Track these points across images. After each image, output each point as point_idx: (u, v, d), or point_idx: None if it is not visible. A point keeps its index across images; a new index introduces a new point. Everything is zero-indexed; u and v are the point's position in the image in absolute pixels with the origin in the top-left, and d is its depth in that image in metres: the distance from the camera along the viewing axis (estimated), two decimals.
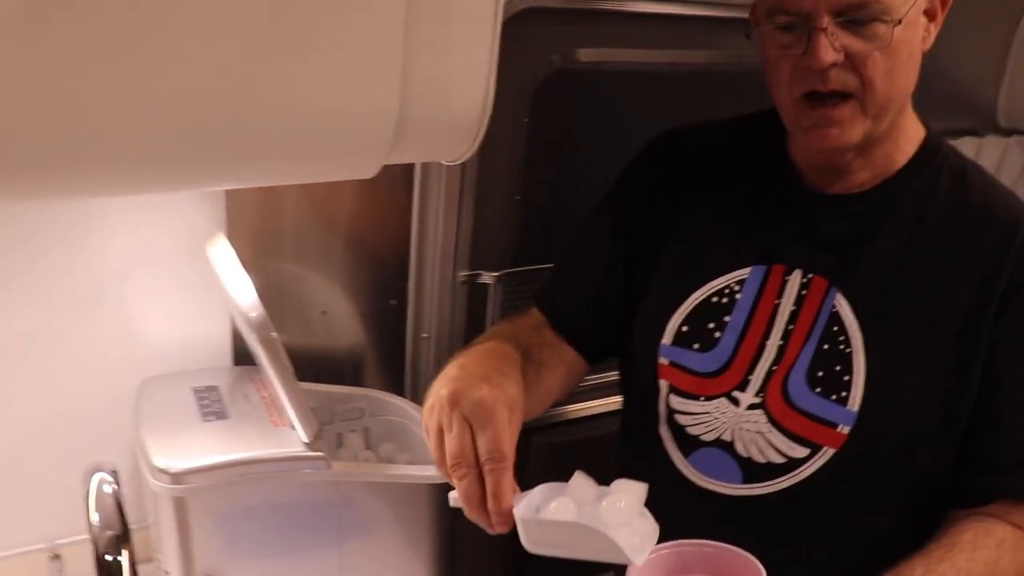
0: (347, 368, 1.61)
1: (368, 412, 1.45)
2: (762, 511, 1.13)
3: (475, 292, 1.65)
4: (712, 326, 1.17)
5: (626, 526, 0.87)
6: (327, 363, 1.57)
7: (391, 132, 0.95)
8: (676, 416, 1.18)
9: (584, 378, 1.34)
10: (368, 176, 1.02)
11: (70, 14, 0.75)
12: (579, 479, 0.91)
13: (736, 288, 1.17)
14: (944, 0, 1.10)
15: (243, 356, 1.44)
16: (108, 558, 0.99)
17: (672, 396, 1.18)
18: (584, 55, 1.58)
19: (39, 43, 0.74)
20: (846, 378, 1.10)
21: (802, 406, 1.12)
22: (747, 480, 1.14)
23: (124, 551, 0.99)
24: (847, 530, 1.15)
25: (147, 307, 1.41)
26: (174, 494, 1.13)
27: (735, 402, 1.15)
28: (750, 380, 1.14)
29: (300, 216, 1.53)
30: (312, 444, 1.19)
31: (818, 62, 1.03)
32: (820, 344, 1.12)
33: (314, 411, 1.21)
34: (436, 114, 0.99)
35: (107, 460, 1.15)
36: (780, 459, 1.12)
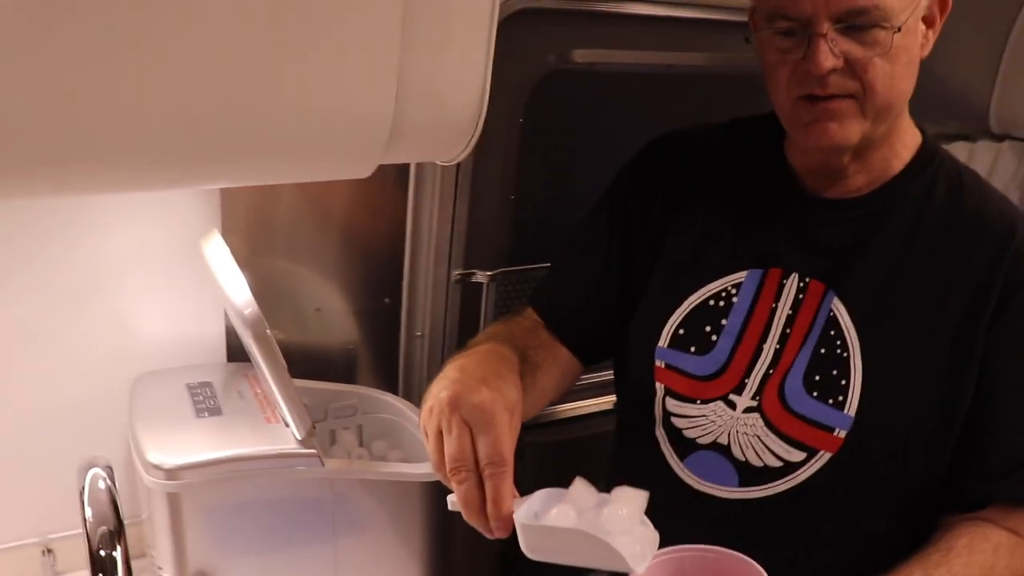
0: (340, 365, 1.61)
1: (361, 410, 1.46)
2: (758, 514, 1.13)
3: (469, 291, 1.65)
4: (708, 329, 1.17)
5: (627, 534, 0.86)
6: (321, 360, 1.58)
7: (387, 132, 0.95)
8: (672, 419, 1.18)
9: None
10: (363, 176, 1.02)
11: (68, 14, 0.75)
12: (579, 485, 0.90)
13: (733, 291, 1.17)
14: (943, 7, 1.10)
15: (237, 352, 1.44)
16: (102, 553, 0.99)
17: (668, 399, 1.18)
18: (580, 56, 1.58)
19: (36, 42, 0.74)
20: (843, 382, 1.10)
21: (799, 410, 1.12)
22: (743, 483, 1.14)
23: (118, 546, 1.00)
24: (843, 533, 1.15)
25: (141, 303, 1.41)
26: (168, 490, 1.14)
27: (731, 405, 1.15)
28: (746, 383, 1.14)
29: (295, 213, 1.53)
30: (305, 441, 1.19)
31: (818, 68, 1.03)
32: (817, 348, 1.12)
33: (307, 408, 1.22)
34: (432, 115, 0.99)
35: (101, 455, 1.15)
36: (776, 463, 1.12)
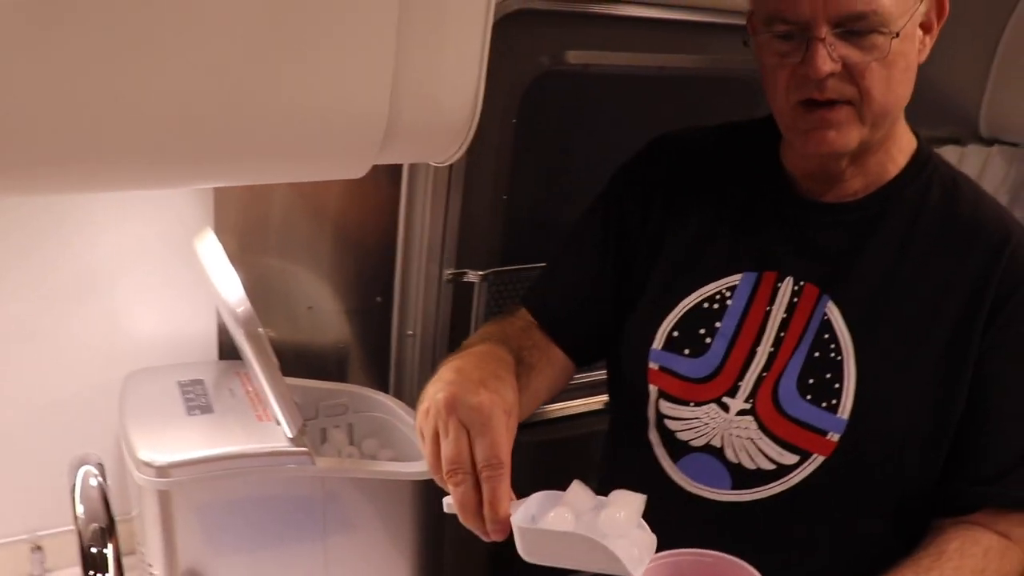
0: (332, 364, 1.61)
1: (352, 408, 1.46)
2: (751, 517, 1.13)
3: (461, 290, 1.66)
4: (703, 332, 1.17)
5: (624, 537, 0.86)
6: (312, 359, 1.58)
7: (381, 133, 0.95)
8: (665, 421, 1.18)
9: None
10: (357, 176, 1.03)
11: (64, 14, 0.75)
12: (576, 488, 0.90)
13: (727, 294, 1.17)
14: (940, 14, 1.11)
15: (229, 350, 1.45)
16: (93, 550, 1.00)
17: (662, 401, 1.18)
18: (573, 57, 1.59)
19: (34, 41, 0.75)
20: (836, 386, 1.11)
21: (792, 413, 1.12)
22: (736, 486, 1.14)
23: (109, 544, 1.00)
24: (837, 536, 1.15)
25: (134, 301, 1.41)
26: (159, 487, 1.14)
27: (725, 408, 1.15)
28: (740, 386, 1.14)
29: (287, 212, 1.53)
30: (296, 439, 1.19)
31: (816, 72, 1.03)
32: (811, 351, 1.13)
33: (298, 406, 1.22)
34: (426, 116, 0.99)
35: (91, 453, 1.15)
36: (770, 466, 1.13)
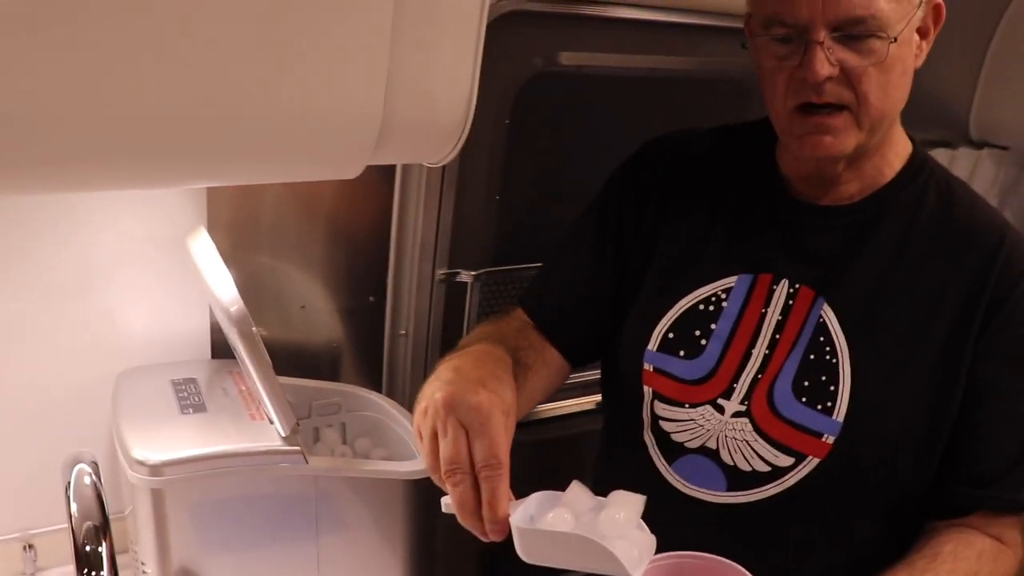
0: (325, 363, 1.62)
1: (345, 407, 1.46)
2: (746, 519, 1.14)
3: (453, 290, 1.66)
4: (698, 333, 1.17)
5: (624, 538, 0.86)
6: (305, 358, 1.58)
7: (375, 134, 0.95)
8: (660, 423, 1.18)
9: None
10: (351, 176, 1.03)
11: (59, 15, 0.76)
12: (575, 489, 0.90)
13: (723, 296, 1.17)
14: (936, 19, 1.11)
15: (222, 349, 1.45)
16: (87, 548, 1.00)
17: (656, 402, 1.19)
18: (566, 59, 1.59)
19: (31, 42, 0.75)
20: (832, 388, 1.11)
21: (787, 415, 1.12)
22: (732, 488, 1.14)
23: (103, 542, 1.00)
24: (831, 538, 1.15)
25: (127, 299, 1.41)
26: (152, 486, 1.14)
27: (720, 410, 1.15)
28: (735, 388, 1.15)
29: (280, 211, 1.53)
30: (289, 438, 1.20)
31: (814, 75, 1.04)
32: (806, 354, 1.13)
33: (291, 406, 1.22)
34: (420, 117, 0.99)
35: (85, 451, 1.15)
36: (765, 467, 1.13)
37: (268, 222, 1.53)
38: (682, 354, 1.17)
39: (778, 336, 1.15)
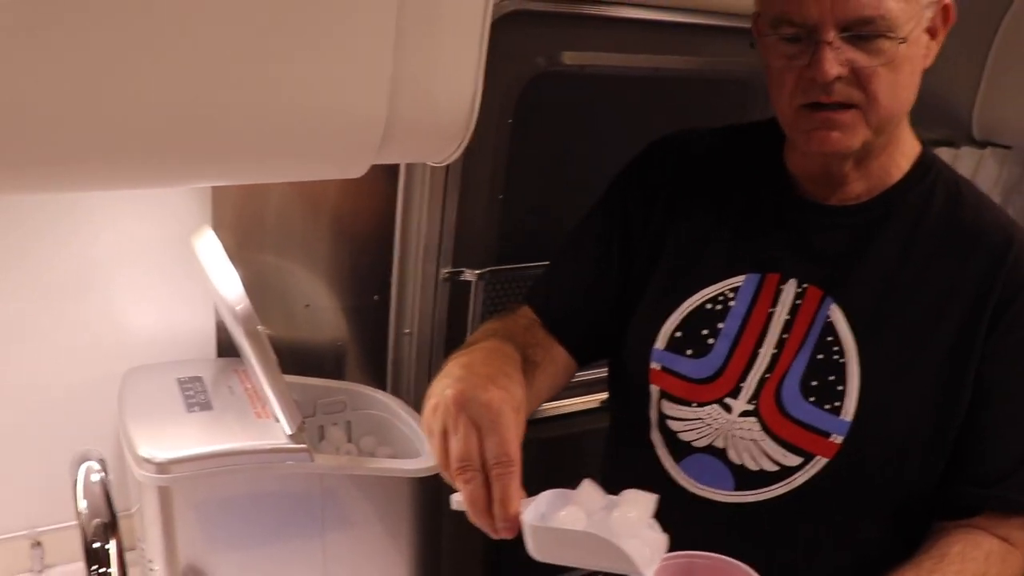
0: (330, 362, 1.62)
1: (350, 406, 1.46)
2: (754, 518, 1.13)
3: (457, 289, 1.67)
4: (705, 332, 1.17)
5: (636, 537, 0.85)
6: (310, 356, 1.59)
7: (380, 133, 0.96)
8: (668, 422, 1.18)
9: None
10: (356, 176, 1.03)
11: (64, 13, 0.76)
12: (587, 487, 0.89)
13: (730, 295, 1.17)
14: (945, 19, 1.10)
15: (227, 348, 1.45)
16: (96, 545, 1.00)
17: (664, 401, 1.18)
18: (569, 58, 1.60)
19: (34, 41, 0.75)
20: (839, 388, 1.11)
21: (795, 415, 1.12)
22: (739, 487, 1.14)
23: (112, 539, 1.01)
24: (839, 538, 1.15)
25: (132, 298, 1.41)
26: (159, 483, 1.14)
27: (727, 409, 1.15)
28: (742, 387, 1.15)
29: (285, 210, 1.54)
30: (295, 436, 1.20)
31: (823, 75, 1.03)
32: (814, 353, 1.13)
33: (297, 404, 1.22)
34: (424, 116, 1.00)
35: (93, 449, 1.16)
36: (773, 467, 1.13)
37: (273, 221, 1.53)
38: (689, 353, 1.17)
39: (786, 335, 1.14)
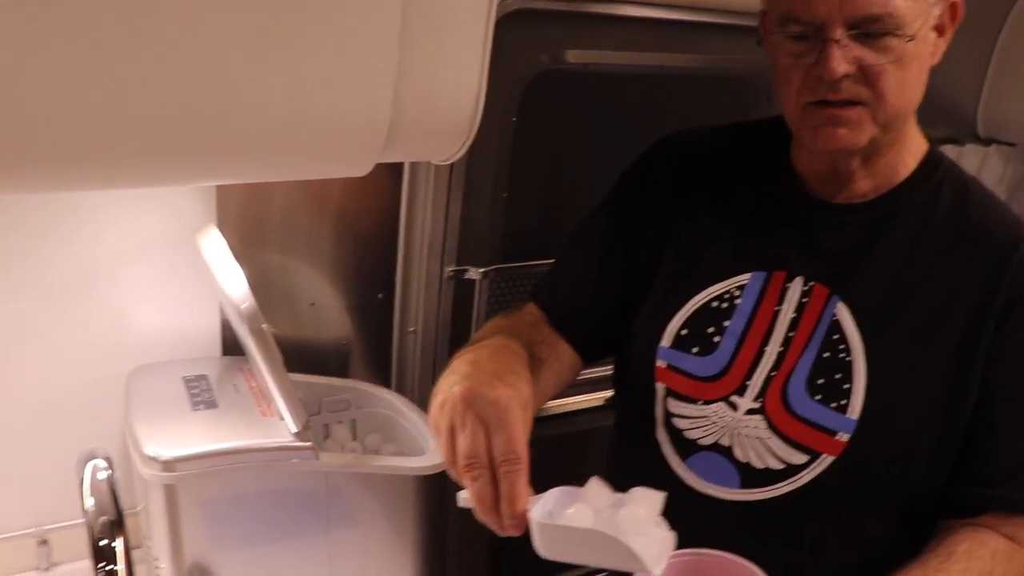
0: (334, 360, 1.62)
1: (355, 404, 1.47)
2: (760, 516, 1.13)
3: (461, 287, 1.67)
4: (711, 330, 1.17)
5: (644, 535, 0.85)
6: (315, 355, 1.59)
7: (384, 132, 0.96)
8: (673, 419, 1.18)
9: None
10: (360, 174, 1.04)
11: (72, 13, 0.76)
12: (595, 485, 0.89)
13: (736, 293, 1.17)
14: (953, 16, 1.10)
15: (232, 346, 1.46)
16: (103, 543, 1.01)
17: (669, 399, 1.18)
18: (572, 56, 1.60)
19: (45, 40, 0.76)
20: (846, 386, 1.10)
21: (801, 413, 1.12)
22: (745, 485, 1.14)
23: (118, 536, 1.01)
24: (845, 536, 1.15)
25: (137, 297, 1.42)
26: (164, 481, 1.15)
27: (733, 407, 1.15)
28: (748, 385, 1.14)
29: (289, 209, 1.54)
30: (300, 434, 1.20)
31: (830, 73, 1.03)
32: (820, 352, 1.12)
33: (302, 402, 1.23)
34: (428, 116, 1.00)
35: (96, 448, 1.16)
36: (779, 465, 1.12)
37: (277, 220, 1.54)
38: (695, 351, 1.17)
39: (792, 334, 1.14)
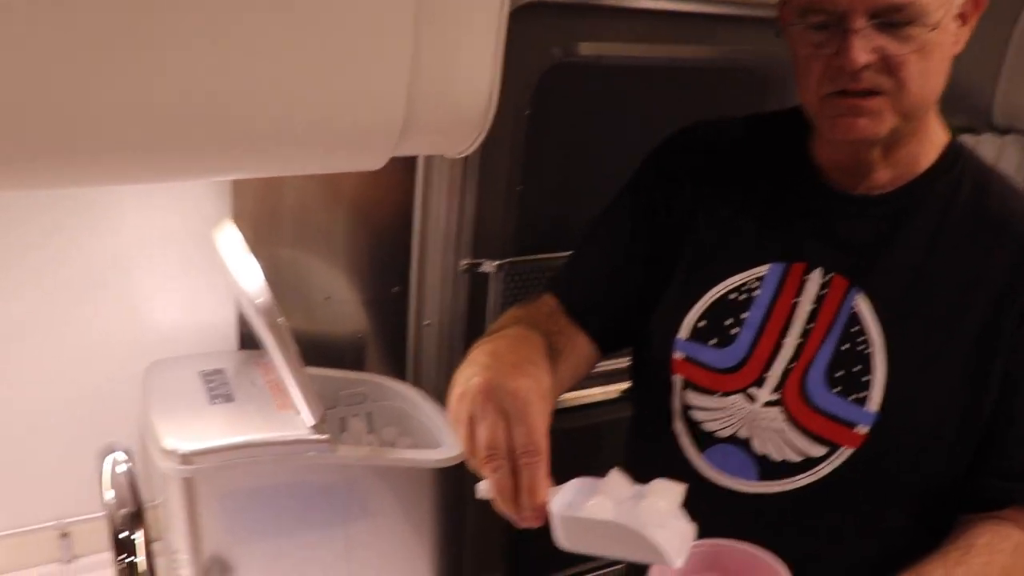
0: (350, 353, 1.63)
1: (371, 397, 1.48)
2: (778, 509, 1.13)
3: (476, 280, 1.67)
4: (729, 322, 1.16)
5: (664, 527, 0.85)
6: (330, 348, 1.60)
7: (399, 126, 0.96)
8: (691, 411, 1.18)
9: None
10: (375, 168, 1.04)
11: (92, 10, 0.77)
12: (615, 476, 0.89)
13: (755, 285, 1.16)
14: (976, 5, 1.08)
15: (248, 340, 1.47)
16: (123, 535, 1.02)
17: (687, 391, 1.18)
18: (585, 49, 1.59)
19: (64, 36, 0.77)
20: (865, 378, 1.10)
21: (820, 405, 1.11)
22: (763, 477, 1.13)
23: (138, 528, 1.02)
24: (863, 529, 1.14)
25: (154, 291, 1.43)
26: (183, 475, 1.16)
27: (751, 399, 1.14)
28: (767, 377, 1.14)
29: (304, 203, 1.55)
30: (317, 428, 1.21)
31: (852, 63, 1.01)
32: (839, 344, 1.12)
33: (318, 395, 1.23)
34: (443, 109, 1.00)
35: (115, 441, 1.17)
36: (797, 457, 1.12)
37: (292, 214, 1.54)
38: (713, 343, 1.16)
39: (811, 325, 1.13)
